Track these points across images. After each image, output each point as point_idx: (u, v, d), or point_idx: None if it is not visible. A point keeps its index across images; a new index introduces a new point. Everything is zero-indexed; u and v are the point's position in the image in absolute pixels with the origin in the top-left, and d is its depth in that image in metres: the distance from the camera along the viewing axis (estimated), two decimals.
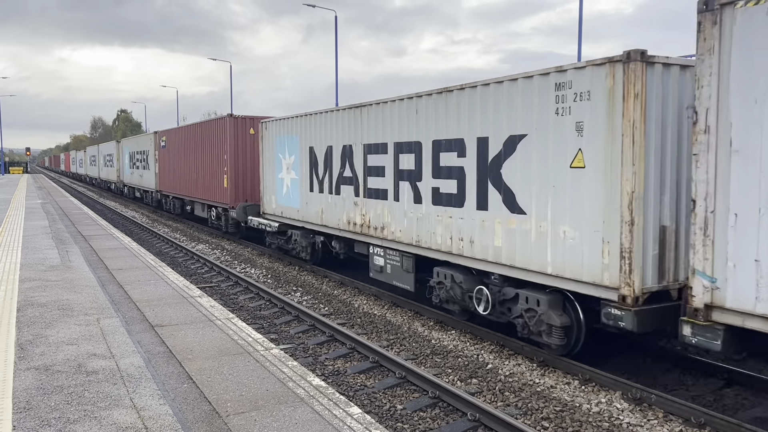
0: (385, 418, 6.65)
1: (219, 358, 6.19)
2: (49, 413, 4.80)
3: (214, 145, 20.53)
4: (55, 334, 6.90)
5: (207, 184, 21.54)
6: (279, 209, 15.97)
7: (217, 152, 20.16)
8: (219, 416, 4.80)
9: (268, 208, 16.76)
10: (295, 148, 14.84)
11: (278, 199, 15.98)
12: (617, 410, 6.75)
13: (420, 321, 10.41)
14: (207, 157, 21.36)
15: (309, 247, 14.80)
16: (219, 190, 20.17)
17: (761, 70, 5.30)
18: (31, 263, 11.61)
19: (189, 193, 24.06)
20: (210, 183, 21.16)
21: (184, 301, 8.73)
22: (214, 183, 20.59)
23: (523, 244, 8.08)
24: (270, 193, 16.55)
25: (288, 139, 15.15)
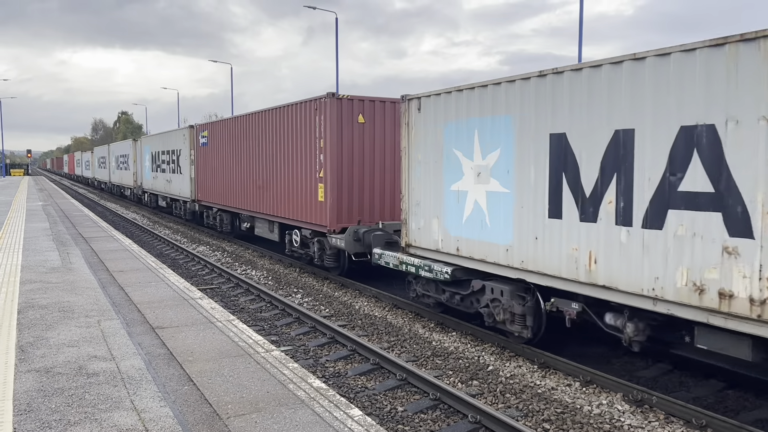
0: (386, 420, 6.64)
1: (219, 360, 6.19)
2: (50, 415, 4.80)
3: (299, 140, 14.46)
4: (56, 336, 6.90)
5: (283, 194, 15.48)
6: (451, 243, 9.61)
7: (305, 150, 14.15)
8: (219, 418, 4.79)
9: (422, 238, 10.27)
10: (503, 137, 8.48)
11: (449, 225, 9.65)
12: (618, 412, 6.74)
13: (421, 323, 10.41)
14: (285, 156, 15.32)
15: (532, 317, 8.41)
16: (307, 205, 14.12)
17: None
18: (32, 265, 11.62)
19: (247, 206, 18.15)
20: (290, 194, 15.09)
21: (185, 303, 8.73)
22: (298, 194, 14.56)
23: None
24: (427, 216, 10.14)
25: (482, 123, 8.83)
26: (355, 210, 13.38)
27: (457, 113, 9.33)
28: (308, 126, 14.00)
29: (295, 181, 14.78)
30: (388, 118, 13.52)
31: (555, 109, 7.64)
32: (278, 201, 15.81)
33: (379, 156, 13.57)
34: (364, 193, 13.50)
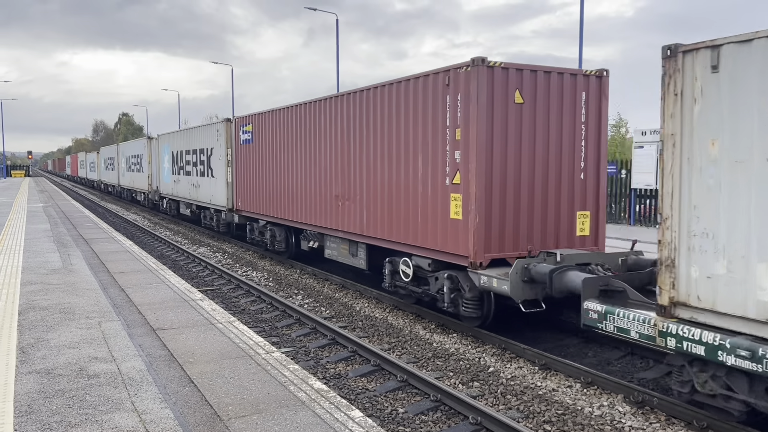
0: (386, 421, 6.64)
1: (220, 362, 6.19)
2: (51, 417, 4.80)
3: (413, 131, 10.28)
4: (57, 338, 6.90)
5: (379, 207, 11.39)
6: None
7: (425, 144, 9.97)
8: (220, 420, 4.79)
9: (721, 296, 5.70)
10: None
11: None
12: (619, 413, 6.73)
13: (421, 324, 10.40)
14: (385, 155, 11.14)
15: None
16: (428, 224, 9.99)
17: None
18: (32, 266, 11.62)
19: (315, 221, 14.00)
20: (394, 206, 10.89)
21: (186, 305, 8.73)
22: (411, 207, 10.41)
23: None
24: (735, 255, 5.58)
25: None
26: (510, 233, 9.20)
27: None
28: (432, 110, 9.69)
29: (406, 188, 10.48)
30: (554, 96, 9.39)
31: None
32: (370, 215, 11.61)
33: (542, 151, 9.37)
34: (521, 209, 9.28)
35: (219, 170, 20.31)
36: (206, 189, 21.88)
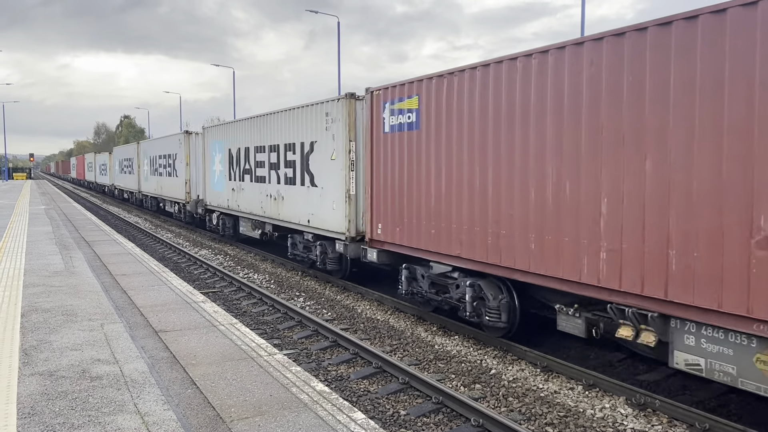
0: (388, 423, 6.65)
1: (222, 364, 6.20)
2: (54, 419, 4.81)
3: None
4: (59, 340, 6.92)
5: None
6: None
7: None
8: (223, 421, 4.80)
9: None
10: None
11: None
12: (621, 415, 6.73)
13: (423, 326, 10.41)
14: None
15: None
16: None
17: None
18: (35, 269, 11.65)
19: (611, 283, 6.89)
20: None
21: (188, 307, 8.74)
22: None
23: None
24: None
25: None
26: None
27: None
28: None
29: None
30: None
31: None
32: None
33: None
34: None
35: (329, 176, 13.15)
36: (299, 203, 14.60)
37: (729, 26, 5.72)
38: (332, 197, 13.00)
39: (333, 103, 12.90)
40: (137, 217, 33.37)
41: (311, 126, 13.87)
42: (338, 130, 12.71)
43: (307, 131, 14.03)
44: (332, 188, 13.00)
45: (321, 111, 13.37)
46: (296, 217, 14.75)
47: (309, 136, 13.99)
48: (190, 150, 24.44)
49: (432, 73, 9.81)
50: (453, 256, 9.37)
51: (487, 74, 8.57)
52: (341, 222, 12.61)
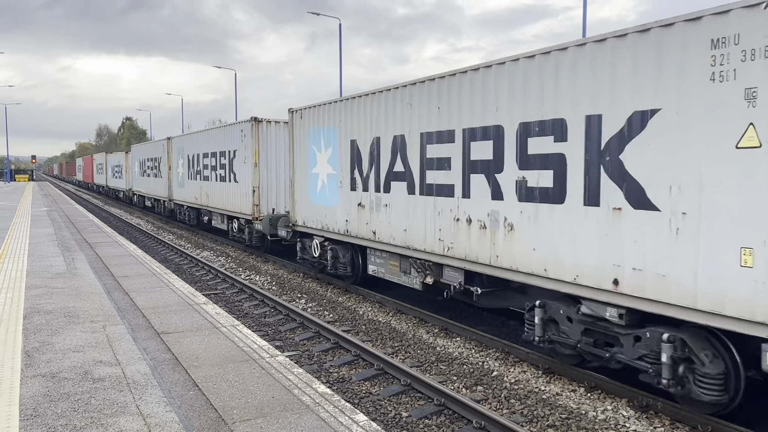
0: (390, 425, 6.64)
1: (224, 365, 6.20)
2: (56, 420, 4.81)
3: None
4: (62, 342, 6.93)
5: None
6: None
7: None
8: (225, 423, 4.80)
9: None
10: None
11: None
12: (623, 417, 6.72)
13: (425, 328, 10.40)
14: None
15: None
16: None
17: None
18: (37, 270, 11.66)
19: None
20: None
21: (190, 308, 8.75)
22: None
23: None
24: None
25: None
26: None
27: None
28: None
29: None
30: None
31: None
32: None
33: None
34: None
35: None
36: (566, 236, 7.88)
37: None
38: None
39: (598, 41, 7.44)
40: (139, 219, 33.40)
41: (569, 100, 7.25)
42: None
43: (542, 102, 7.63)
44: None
45: (553, 60, 7.55)
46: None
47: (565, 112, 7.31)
48: (259, 145, 17.77)
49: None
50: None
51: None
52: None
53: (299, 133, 14.77)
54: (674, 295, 6.15)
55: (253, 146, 17.82)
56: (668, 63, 6.18)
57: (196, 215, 24.71)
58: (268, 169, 18.09)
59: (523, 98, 7.97)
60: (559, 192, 7.49)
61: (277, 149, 18.08)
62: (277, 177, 18.12)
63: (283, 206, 17.81)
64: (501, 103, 8.34)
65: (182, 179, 25.90)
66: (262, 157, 17.97)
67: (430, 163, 9.91)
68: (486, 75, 8.63)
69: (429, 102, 9.87)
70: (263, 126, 18.03)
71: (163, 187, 29.14)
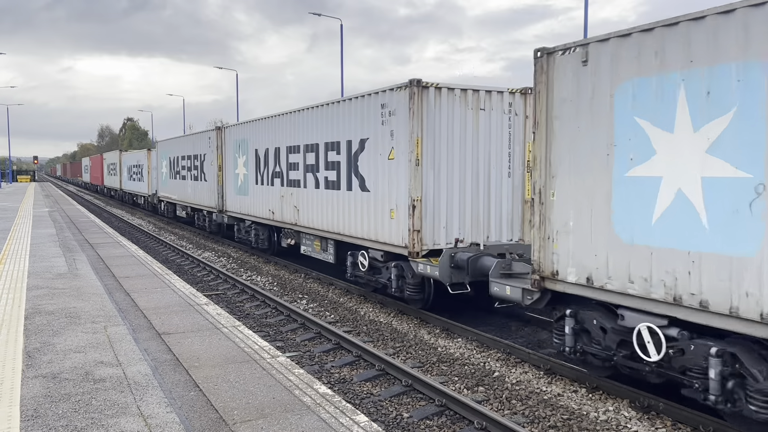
0: (391, 426, 6.63)
1: (225, 366, 6.20)
2: (57, 421, 4.81)
3: None
4: (63, 342, 6.93)
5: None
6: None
7: None
8: (226, 424, 4.80)
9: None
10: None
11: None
12: (625, 418, 6.71)
13: (426, 329, 10.39)
14: None
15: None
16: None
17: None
18: (38, 271, 11.67)
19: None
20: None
21: (191, 309, 8.75)
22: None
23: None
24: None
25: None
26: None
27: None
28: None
29: None
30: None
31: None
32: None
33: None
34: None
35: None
36: None
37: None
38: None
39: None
40: (140, 219, 33.42)
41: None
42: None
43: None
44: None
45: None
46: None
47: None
48: (424, 129, 10.31)
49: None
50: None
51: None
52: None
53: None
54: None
55: (412, 130, 10.11)
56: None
57: (267, 235, 17.90)
58: (437, 169, 10.48)
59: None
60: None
61: (452, 134, 10.56)
62: (449, 183, 10.59)
63: (459, 230, 10.75)
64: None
65: (245, 185, 18.71)
66: (428, 149, 10.28)
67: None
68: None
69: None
70: (430, 96, 10.23)
71: (210, 194, 21.86)
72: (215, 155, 21.44)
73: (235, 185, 20.02)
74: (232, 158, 20.27)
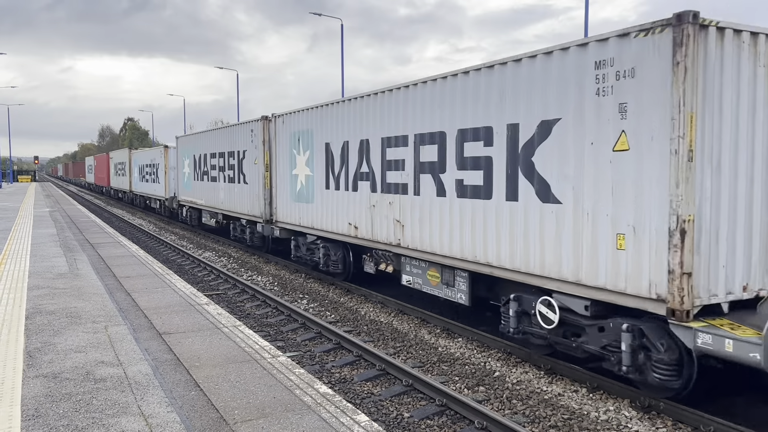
0: (392, 426, 6.63)
1: (226, 366, 6.20)
2: (58, 421, 4.82)
3: None
4: (63, 342, 6.93)
5: None
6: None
7: None
8: (226, 424, 4.80)
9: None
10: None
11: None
12: (625, 418, 6.71)
13: (427, 328, 10.39)
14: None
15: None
16: None
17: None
18: (39, 271, 11.67)
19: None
20: None
21: (191, 309, 8.75)
22: None
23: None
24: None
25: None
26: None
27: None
28: None
29: None
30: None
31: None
32: None
33: None
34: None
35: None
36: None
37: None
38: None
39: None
40: (141, 219, 33.43)
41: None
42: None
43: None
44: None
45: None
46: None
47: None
48: (699, 99, 6.14)
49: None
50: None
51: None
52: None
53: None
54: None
55: (681, 101, 6.09)
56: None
57: (342, 256, 13.67)
58: (718, 168, 6.44)
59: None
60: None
61: (737, 108, 6.51)
62: (733, 191, 6.54)
63: (744, 270, 6.63)
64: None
65: (307, 188, 14.76)
66: (705, 133, 6.30)
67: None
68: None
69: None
70: (710, 42, 6.24)
71: (252, 200, 18.09)
72: (261, 152, 17.06)
73: (291, 189, 15.41)
74: (286, 155, 15.65)
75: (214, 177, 21.48)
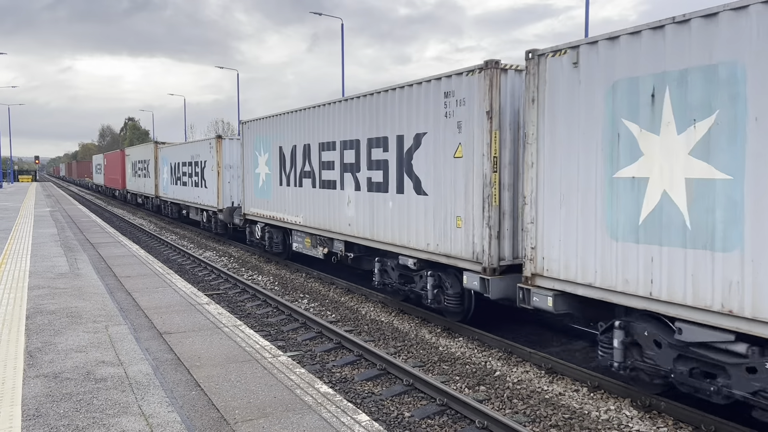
0: (393, 425, 6.63)
1: (227, 366, 6.20)
2: (58, 420, 4.81)
3: None
4: (64, 342, 6.93)
5: None
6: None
7: None
8: (227, 423, 4.80)
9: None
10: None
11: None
12: (626, 417, 6.70)
13: (427, 328, 10.39)
14: None
15: None
16: None
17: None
18: (39, 271, 11.68)
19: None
20: None
21: (192, 309, 8.75)
22: None
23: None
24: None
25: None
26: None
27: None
28: None
29: None
30: None
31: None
32: None
33: None
34: None
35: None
36: None
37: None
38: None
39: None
40: (142, 219, 33.44)
41: None
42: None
43: None
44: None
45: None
46: None
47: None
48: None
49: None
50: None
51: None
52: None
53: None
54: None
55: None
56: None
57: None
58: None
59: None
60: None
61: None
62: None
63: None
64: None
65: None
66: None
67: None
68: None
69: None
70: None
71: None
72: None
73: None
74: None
75: (330, 182, 13.43)
